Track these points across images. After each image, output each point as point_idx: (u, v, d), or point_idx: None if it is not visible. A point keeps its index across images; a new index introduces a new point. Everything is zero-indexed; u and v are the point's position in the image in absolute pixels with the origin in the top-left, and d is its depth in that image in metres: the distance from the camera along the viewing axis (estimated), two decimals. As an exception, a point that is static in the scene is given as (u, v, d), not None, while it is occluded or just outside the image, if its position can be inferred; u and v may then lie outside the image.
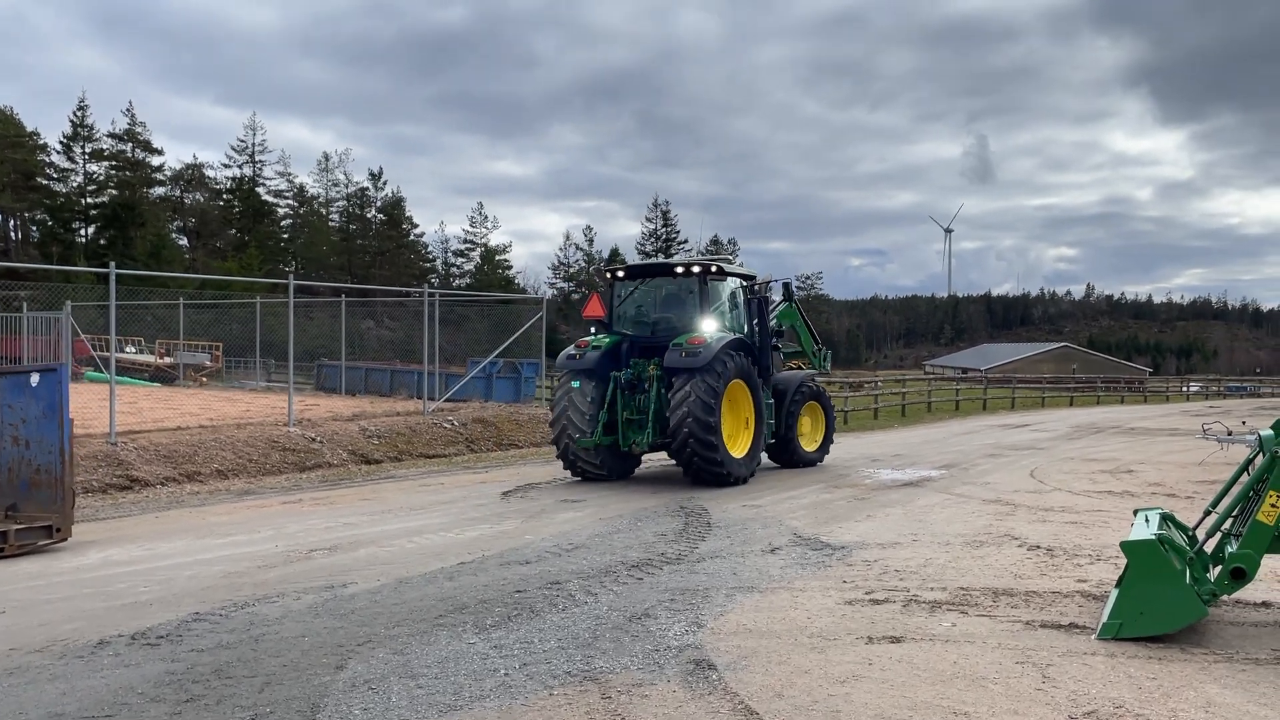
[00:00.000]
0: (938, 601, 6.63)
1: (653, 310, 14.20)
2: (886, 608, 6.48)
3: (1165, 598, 5.57)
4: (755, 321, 14.18)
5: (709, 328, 13.15)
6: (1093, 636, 5.70)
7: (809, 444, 15.40)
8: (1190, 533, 6.59)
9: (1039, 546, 8.69)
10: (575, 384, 12.99)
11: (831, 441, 15.91)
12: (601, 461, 13.28)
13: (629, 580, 7.34)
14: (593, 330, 13.81)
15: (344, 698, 4.74)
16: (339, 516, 10.70)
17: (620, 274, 14.34)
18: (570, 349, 13.70)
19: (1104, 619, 5.80)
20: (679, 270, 13.82)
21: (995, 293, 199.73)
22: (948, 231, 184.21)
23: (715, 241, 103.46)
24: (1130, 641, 5.56)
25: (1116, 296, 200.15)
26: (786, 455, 14.95)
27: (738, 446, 13.05)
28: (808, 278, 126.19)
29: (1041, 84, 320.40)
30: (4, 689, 4.90)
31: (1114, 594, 6.00)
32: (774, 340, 14.73)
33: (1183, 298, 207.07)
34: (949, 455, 17.78)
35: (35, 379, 9.13)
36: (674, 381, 12.59)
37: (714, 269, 13.64)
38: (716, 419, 12.34)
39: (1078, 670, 5.11)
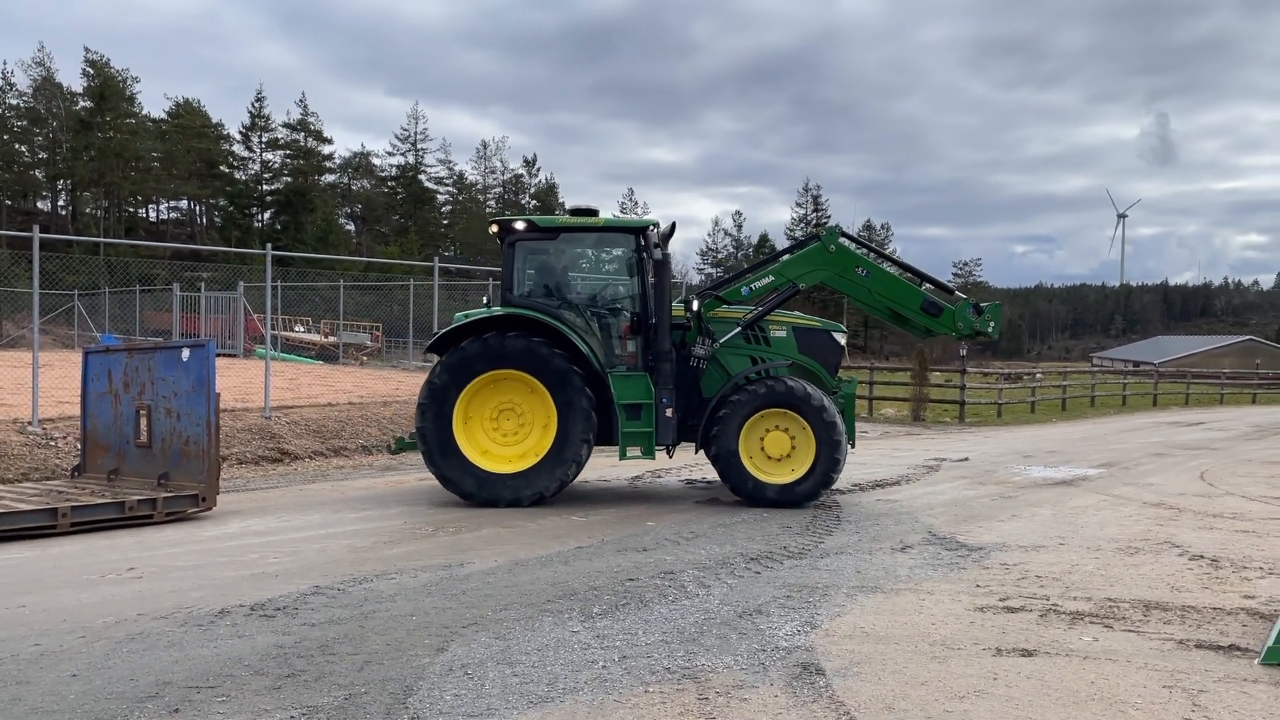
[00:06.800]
0: (1080, 613, 6.11)
1: None
2: (1021, 617, 6.01)
3: (1345, 624, 4.91)
4: (642, 288, 10.53)
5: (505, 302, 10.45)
6: (1255, 661, 5.10)
7: (776, 473, 10.09)
8: (1380, 550, 5.83)
9: (1203, 556, 7.94)
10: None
11: (832, 472, 10.03)
12: None
13: (745, 573, 7.08)
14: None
15: (439, 682, 4.68)
16: (469, 496, 10.82)
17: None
18: None
19: (1270, 642, 5.18)
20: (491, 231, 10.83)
21: (1173, 282, 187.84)
22: (1121, 217, 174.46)
23: (868, 226, 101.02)
24: (1300, 670, 4.94)
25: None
26: (734, 483, 10.14)
27: (513, 459, 10.04)
28: (965, 264, 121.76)
29: (1233, 60, 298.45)
30: (124, 653, 5.07)
31: (1284, 615, 5.37)
32: (680, 308, 10.69)
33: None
34: (1109, 453, 16.67)
35: (186, 354, 9.56)
36: None
37: (518, 225, 10.52)
38: (430, 424, 9.93)
39: (1234, 699, 4.56)
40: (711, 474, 12.62)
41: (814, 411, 10.01)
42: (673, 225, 10.76)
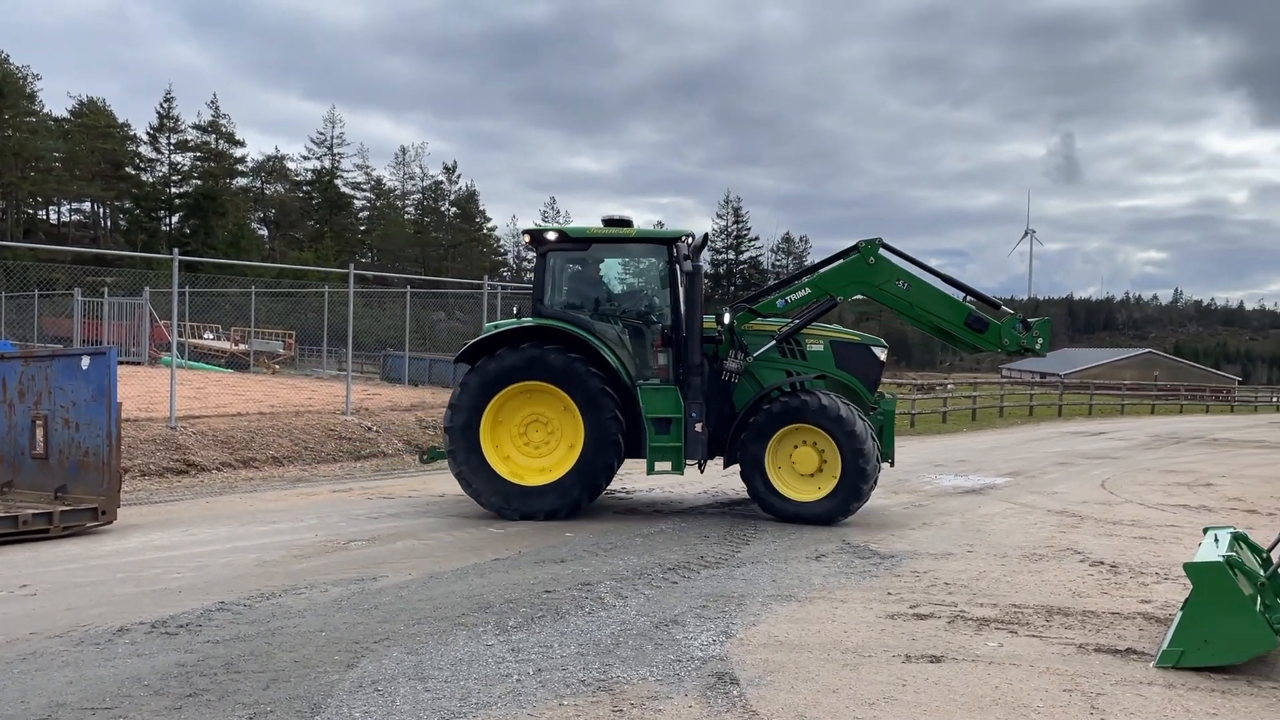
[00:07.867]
0: (986, 619, 6.26)
1: None
2: (930, 623, 6.13)
3: (1232, 625, 5.13)
4: (673, 300, 10.34)
5: (531, 313, 10.42)
6: (1151, 664, 5.30)
7: (803, 489, 9.82)
8: (1265, 555, 6.13)
9: (1102, 562, 8.22)
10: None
11: (861, 486, 9.64)
12: None
13: (663, 584, 7.09)
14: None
15: (348, 699, 4.58)
16: (385, 507, 10.65)
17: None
18: None
19: (1164, 645, 5.38)
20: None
21: (1078, 296, 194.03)
22: (1029, 232, 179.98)
23: (787, 239, 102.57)
24: (1192, 671, 5.14)
25: (1206, 302, 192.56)
26: (760, 499, 9.99)
27: (542, 471, 9.92)
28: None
29: (1134, 83, 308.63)
30: (15, 674, 4.85)
31: (1178, 618, 5.57)
32: (709, 319, 10.37)
33: (1277, 304, 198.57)
34: (1016, 462, 17.17)
35: (86, 363, 9.21)
36: None
37: (549, 235, 10.54)
38: (459, 435, 9.83)
39: (1130, 701, 4.73)
40: (631, 484, 12.64)
41: (838, 427, 9.58)
42: (705, 237, 10.66)
